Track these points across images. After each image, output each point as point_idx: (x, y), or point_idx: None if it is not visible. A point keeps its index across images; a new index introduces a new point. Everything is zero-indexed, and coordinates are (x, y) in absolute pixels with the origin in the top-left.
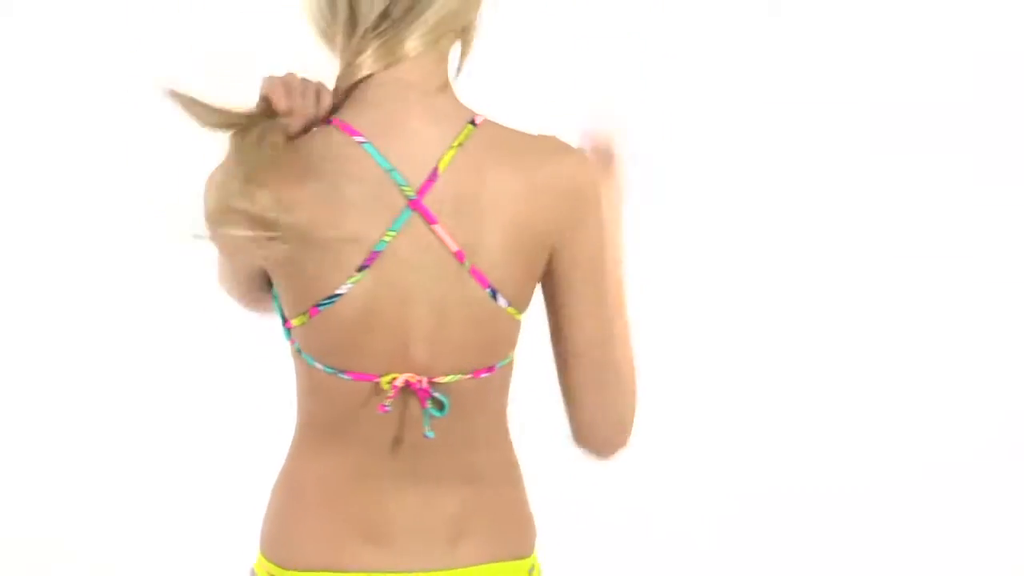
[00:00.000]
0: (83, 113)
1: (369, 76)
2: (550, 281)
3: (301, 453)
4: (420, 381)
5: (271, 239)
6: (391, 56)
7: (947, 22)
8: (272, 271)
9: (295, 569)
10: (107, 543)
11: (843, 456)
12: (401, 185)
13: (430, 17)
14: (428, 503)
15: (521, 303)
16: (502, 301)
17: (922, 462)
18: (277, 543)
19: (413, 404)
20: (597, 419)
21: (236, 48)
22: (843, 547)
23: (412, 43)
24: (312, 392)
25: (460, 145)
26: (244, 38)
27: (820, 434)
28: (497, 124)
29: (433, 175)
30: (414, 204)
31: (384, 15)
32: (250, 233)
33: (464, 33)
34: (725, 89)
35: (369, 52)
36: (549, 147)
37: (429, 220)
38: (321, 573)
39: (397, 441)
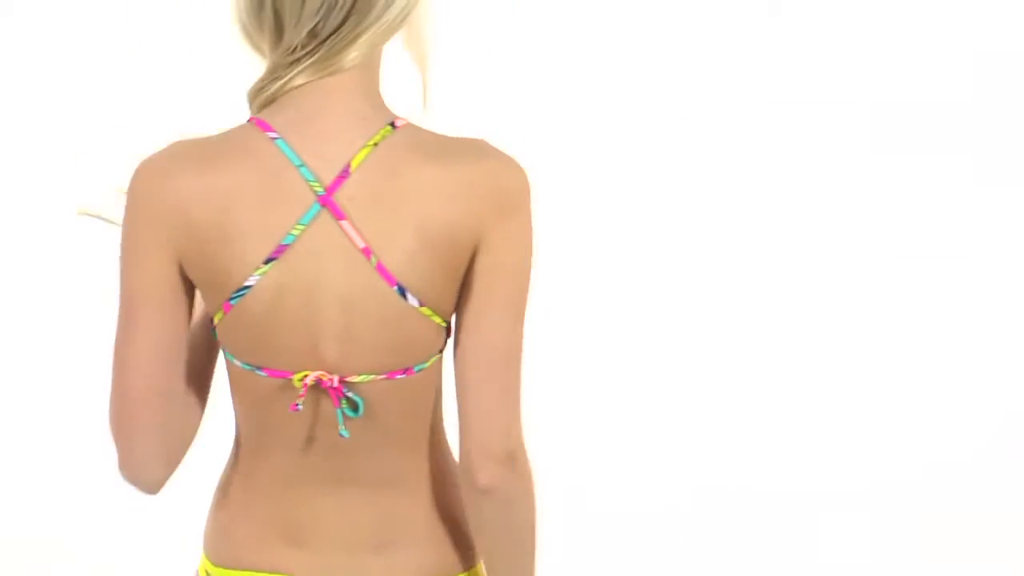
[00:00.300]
0: (83, 113)
1: None
2: (468, 280)
3: (235, 453)
4: (331, 380)
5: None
6: (323, 72)
7: (947, 22)
8: (189, 266)
9: (224, 567)
10: (107, 543)
11: (838, 458)
12: (310, 180)
13: (361, 34)
14: (350, 508)
15: (439, 305)
16: (412, 300)
17: (921, 462)
18: (211, 540)
19: (330, 404)
20: (493, 431)
21: (233, 48)
22: (838, 548)
23: (346, 60)
24: (237, 391)
25: (375, 145)
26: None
27: (813, 435)
28: (419, 127)
29: (344, 172)
30: (323, 200)
31: (313, 34)
32: None
33: (415, 49)
34: (725, 89)
35: (299, 70)
36: (475, 149)
37: (337, 216)
38: (246, 572)
39: (318, 442)
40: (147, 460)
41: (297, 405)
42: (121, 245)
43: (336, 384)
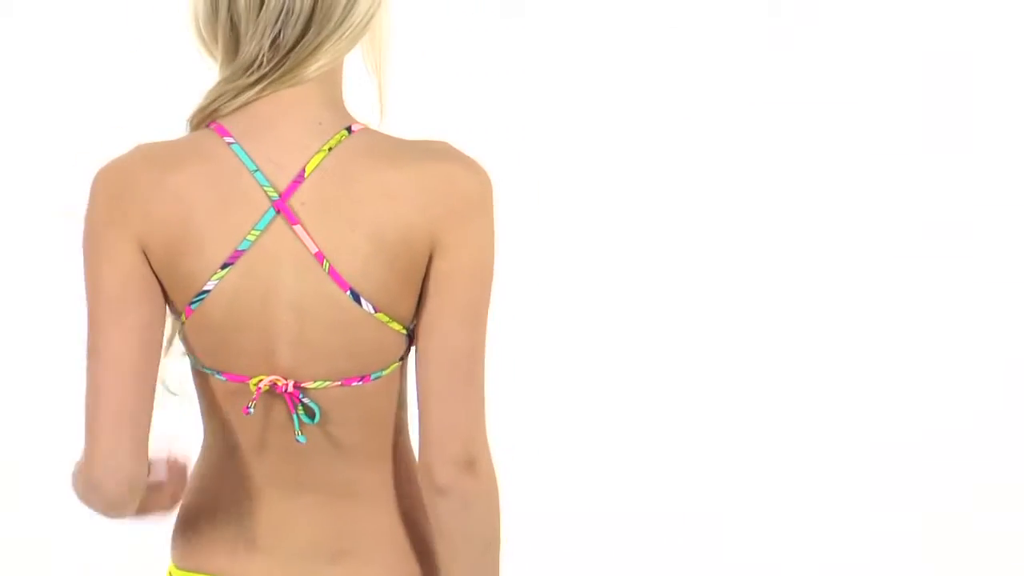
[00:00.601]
0: (83, 113)
1: None
2: (426, 285)
3: (201, 457)
4: (286, 385)
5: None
6: (285, 85)
7: (947, 22)
8: (156, 268)
9: (186, 570)
10: (107, 543)
11: (838, 461)
12: (264, 186)
13: (323, 43)
14: (308, 515)
15: (397, 311)
16: (367, 306)
17: (921, 464)
18: (176, 542)
19: (286, 409)
20: (452, 435)
21: None
22: (838, 550)
23: (308, 73)
24: (201, 395)
25: (330, 149)
26: None
27: (812, 440)
28: (376, 132)
29: (299, 177)
30: (278, 205)
31: (274, 48)
32: None
33: (372, 57)
34: (725, 90)
35: (261, 87)
36: (433, 152)
37: (291, 221)
38: (201, 575)
39: (276, 448)
40: (123, 455)
41: (248, 408)
42: (86, 244)
43: (291, 389)
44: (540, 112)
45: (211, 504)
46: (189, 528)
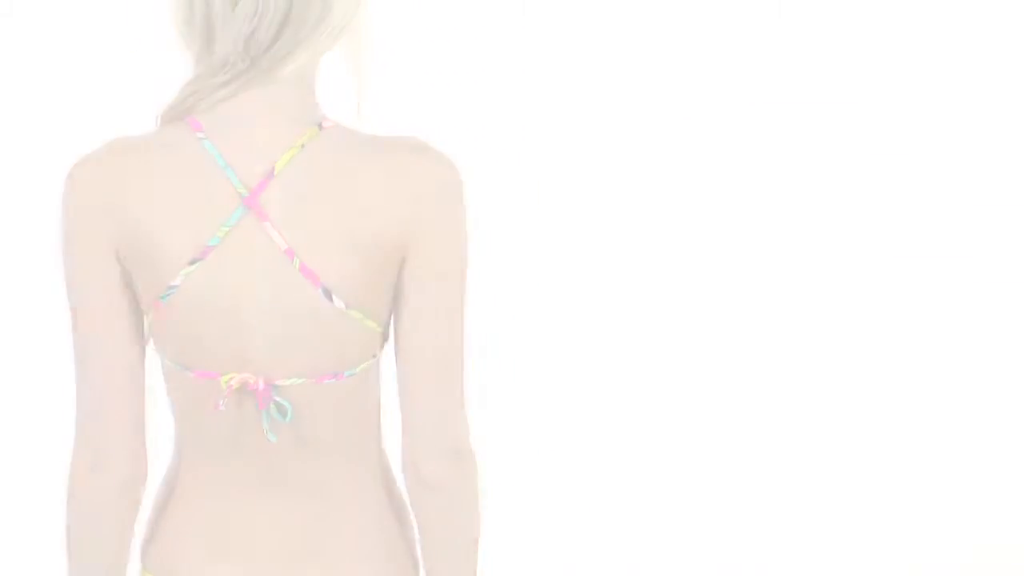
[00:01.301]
0: (83, 114)
1: None
2: (401, 282)
3: (172, 454)
4: (257, 382)
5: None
6: (261, 85)
7: (949, 22)
8: (125, 262)
9: (148, 571)
10: None
11: (839, 462)
12: (234, 183)
13: (300, 44)
14: (279, 516)
15: (370, 308)
16: (339, 303)
17: (921, 463)
18: (144, 543)
19: (257, 407)
20: (437, 428)
21: None
22: (838, 551)
23: (282, 74)
24: (170, 392)
25: (301, 147)
26: None
27: (814, 441)
28: (347, 128)
29: (269, 174)
30: (248, 202)
31: (248, 46)
32: None
33: (352, 59)
34: (728, 90)
35: (235, 87)
36: (403, 148)
37: (261, 218)
38: None
39: (246, 446)
40: (119, 453)
41: (219, 404)
42: (66, 260)
43: (262, 387)
44: (539, 111)
45: (180, 504)
46: (158, 529)
